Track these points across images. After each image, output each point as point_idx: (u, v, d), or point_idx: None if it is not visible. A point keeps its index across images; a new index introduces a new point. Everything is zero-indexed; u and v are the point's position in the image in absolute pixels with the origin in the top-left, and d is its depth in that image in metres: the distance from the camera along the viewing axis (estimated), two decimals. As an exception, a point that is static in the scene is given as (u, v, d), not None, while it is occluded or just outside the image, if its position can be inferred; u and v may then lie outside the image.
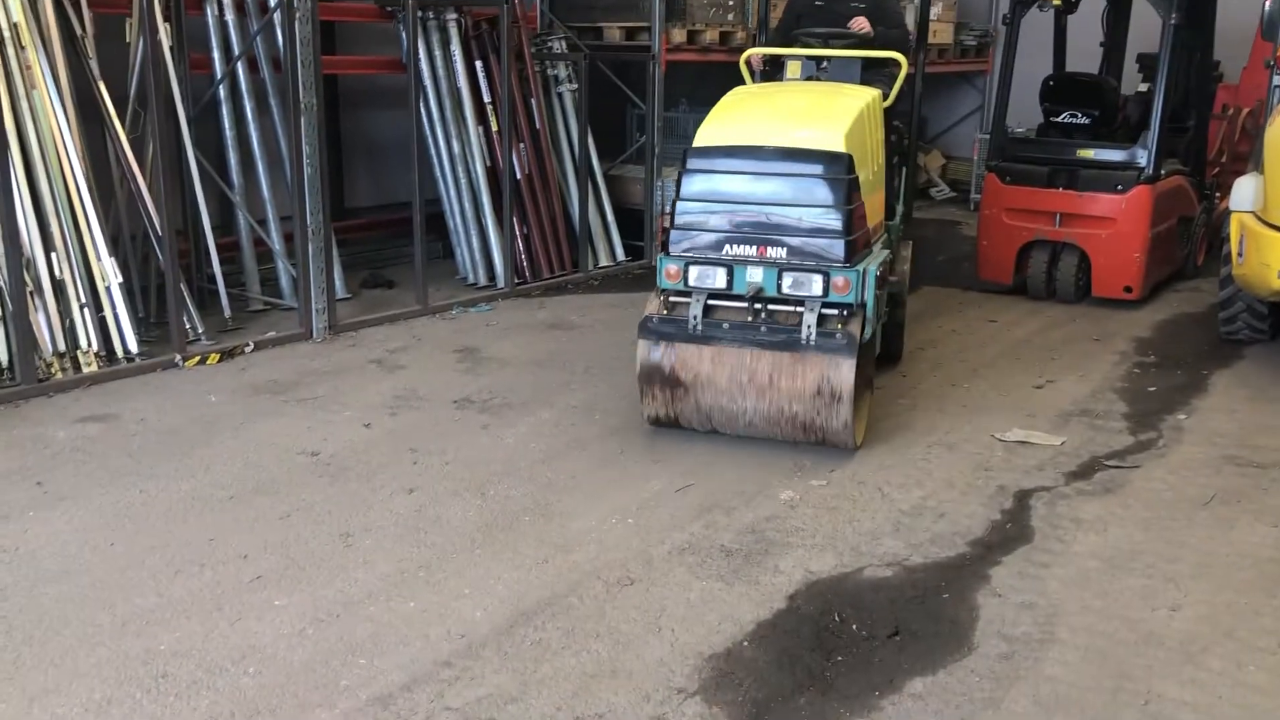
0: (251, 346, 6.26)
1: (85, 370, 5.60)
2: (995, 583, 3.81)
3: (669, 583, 3.73)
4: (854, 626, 3.53)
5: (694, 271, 4.68)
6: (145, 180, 6.07)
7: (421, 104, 7.30)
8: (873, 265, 4.70)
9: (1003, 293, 7.89)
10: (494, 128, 7.67)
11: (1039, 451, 4.99)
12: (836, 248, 4.57)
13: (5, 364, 5.41)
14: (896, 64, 5.61)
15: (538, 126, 7.96)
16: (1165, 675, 3.28)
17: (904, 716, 3.08)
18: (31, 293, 5.42)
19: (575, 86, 8.30)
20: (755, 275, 4.61)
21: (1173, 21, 7.23)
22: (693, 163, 4.77)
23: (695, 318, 4.65)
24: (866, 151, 4.89)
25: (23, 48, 5.46)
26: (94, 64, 5.89)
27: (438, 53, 7.49)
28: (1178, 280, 8.36)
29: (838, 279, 4.53)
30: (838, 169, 4.61)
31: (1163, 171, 7.46)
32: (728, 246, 4.66)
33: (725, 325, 4.65)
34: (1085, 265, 7.57)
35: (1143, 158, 7.32)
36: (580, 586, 3.70)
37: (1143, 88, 8.24)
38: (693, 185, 4.76)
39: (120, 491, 4.35)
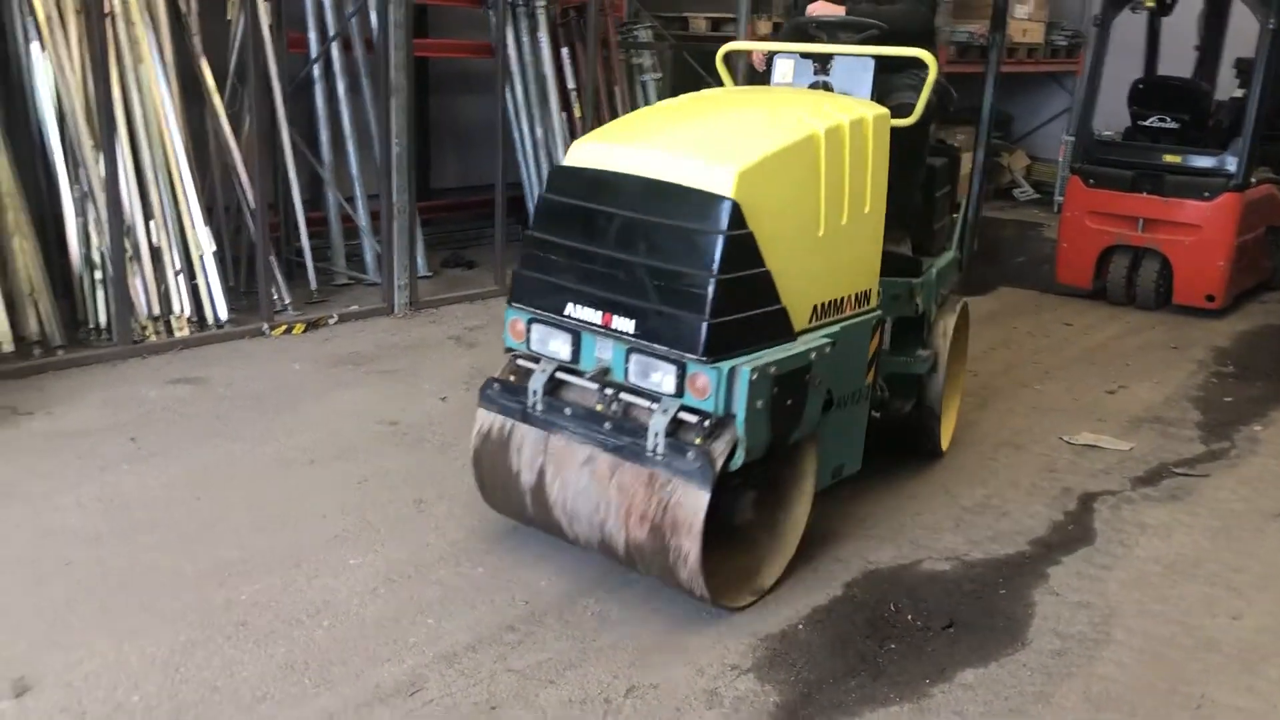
0: (335, 319, 6.47)
1: (177, 334, 5.84)
2: (1053, 581, 3.83)
3: None
4: (909, 617, 3.57)
5: (537, 333, 3.53)
6: (240, 154, 6.30)
7: (508, 89, 7.45)
8: (751, 365, 3.17)
9: (1081, 297, 7.81)
10: (577, 114, 7.80)
11: (1107, 456, 4.97)
12: (695, 332, 3.13)
13: (104, 325, 5.66)
14: (923, 67, 3.97)
15: (620, 115, 8.06)
16: (1221, 681, 3.28)
17: (953, 705, 3.13)
18: (130, 258, 5.67)
19: (659, 75, 8.39)
20: (606, 351, 3.38)
21: (1271, 26, 7.08)
22: (551, 186, 3.59)
23: (535, 394, 3.51)
24: (803, 198, 3.39)
25: (131, 24, 5.70)
26: (197, 40, 6.12)
27: (525, 39, 7.63)
28: (1263, 291, 8.19)
29: (696, 376, 3.17)
30: (713, 220, 3.14)
31: (1253, 180, 7.32)
32: (572, 305, 3.41)
33: (568, 411, 3.44)
34: (1167, 272, 7.46)
35: (1232, 164, 7.19)
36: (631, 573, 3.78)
37: (1238, 93, 8.07)
38: (545, 216, 3.56)
39: (208, 450, 4.55)
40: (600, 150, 3.50)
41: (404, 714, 2.97)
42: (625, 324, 3.29)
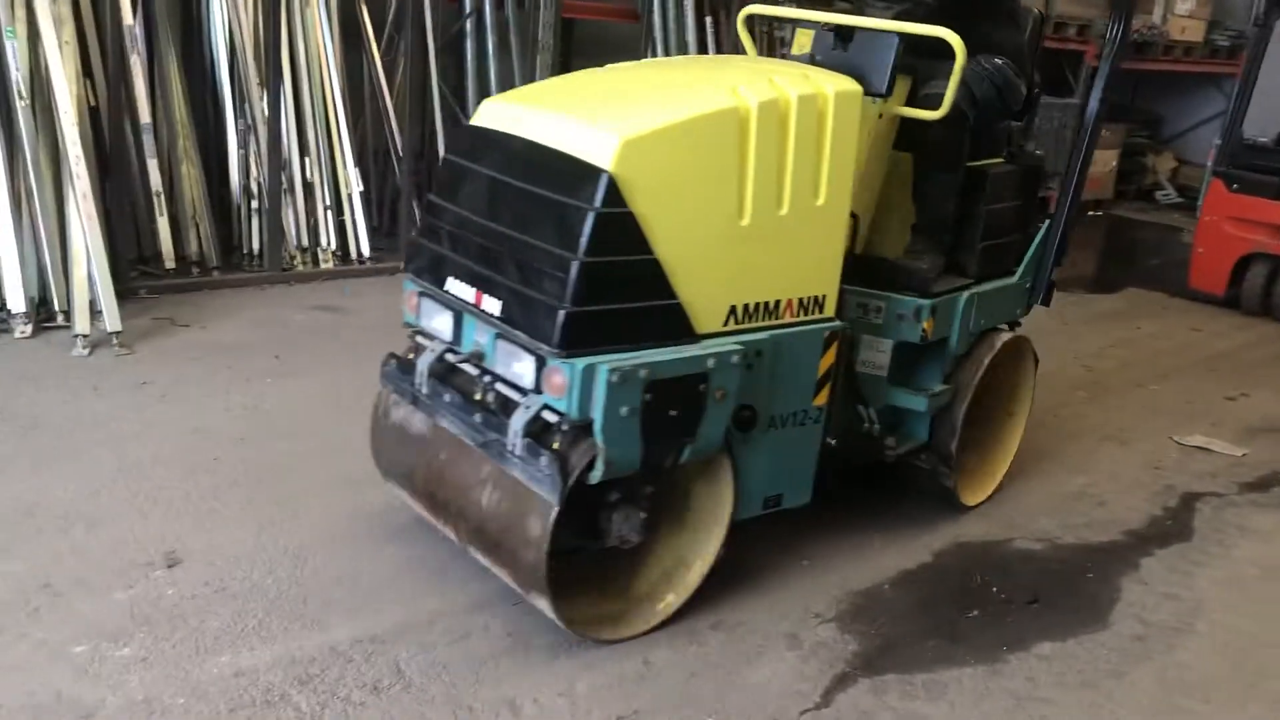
0: None
1: (322, 266, 6.22)
2: (1143, 572, 3.88)
3: (820, 526, 3.93)
4: (994, 589, 3.68)
5: (425, 308, 3.21)
6: (392, 102, 6.63)
7: (649, 55, 7.62)
8: (613, 365, 2.73)
9: (1213, 304, 7.64)
10: (715, 84, 7.92)
11: (1216, 459, 4.94)
12: (552, 321, 2.73)
13: (256, 252, 6.07)
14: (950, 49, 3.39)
15: None
16: (1303, 682, 3.31)
17: (1026, 672, 3.23)
18: (285, 191, 6.06)
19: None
20: (482, 334, 3.00)
21: None
22: (451, 146, 3.28)
23: (421, 374, 3.20)
24: (718, 180, 2.90)
25: (302, -30, 6.05)
26: (361, -10, 6.45)
27: (670, 7, 7.79)
28: None
29: (552, 372, 2.77)
30: (585, 194, 2.73)
31: (1407, 197, 7.04)
32: (451, 280, 3.09)
33: (447, 397, 3.14)
34: (1307, 285, 7.25)
35: (1385, 179, 6.94)
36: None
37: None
38: (442, 179, 3.31)
39: (343, 371, 4.87)
40: (503, 110, 3.12)
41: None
42: (493, 305, 2.93)
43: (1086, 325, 6.93)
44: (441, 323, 3.14)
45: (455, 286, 3.07)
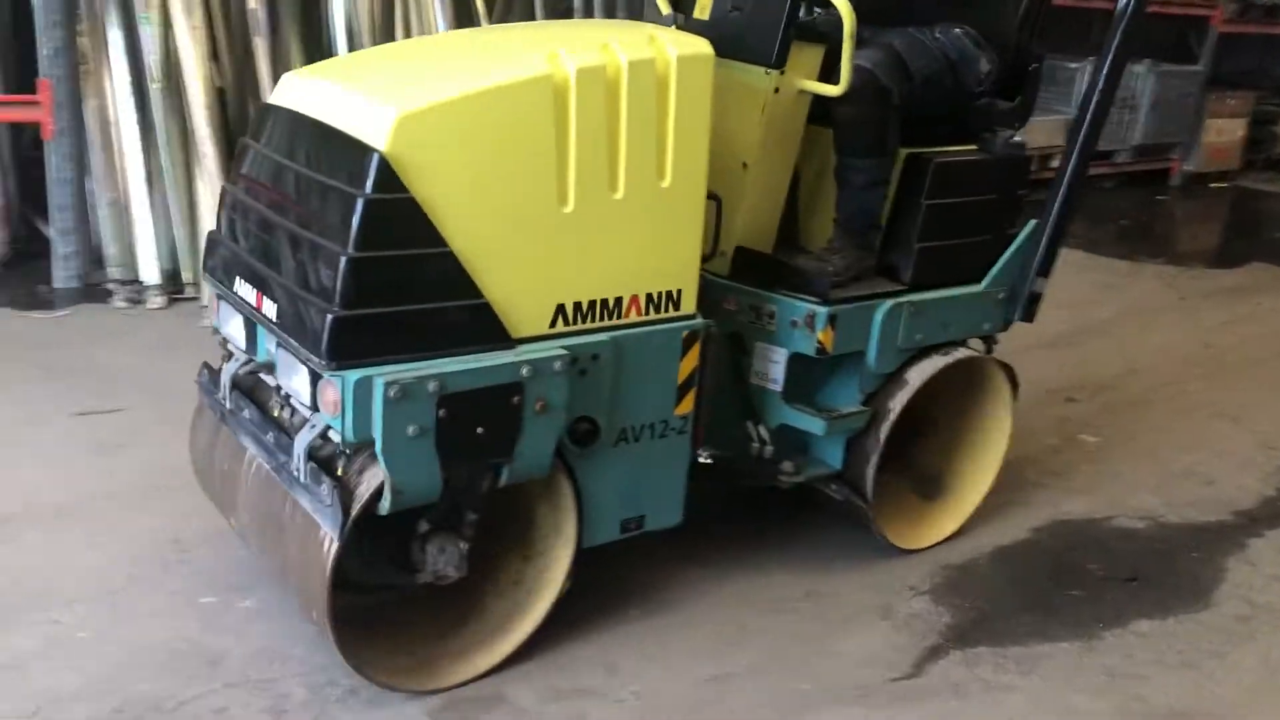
0: None
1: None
2: (1251, 553, 3.80)
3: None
4: (1092, 566, 3.65)
5: (222, 311, 2.80)
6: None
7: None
8: (390, 377, 2.34)
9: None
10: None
11: (1336, 440, 4.79)
12: (320, 326, 2.35)
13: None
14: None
15: None
16: None
17: (1123, 649, 3.21)
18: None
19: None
20: (271, 342, 2.63)
21: None
22: (250, 127, 2.99)
23: (224, 386, 2.84)
24: (529, 160, 2.49)
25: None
26: (471, -33, 6.58)
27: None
28: None
29: (326, 387, 2.39)
30: (356, 178, 2.36)
31: None
32: (239, 280, 2.69)
33: (247, 413, 2.79)
34: None
35: None
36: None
37: None
38: (237, 164, 2.87)
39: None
40: (299, 84, 2.73)
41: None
42: (271, 309, 2.54)
43: (1206, 300, 6.74)
44: (235, 328, 2.74)
45: (242, 288, 2.67)
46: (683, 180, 2.72)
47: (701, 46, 2.73)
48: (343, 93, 2.56)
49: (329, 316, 2.31)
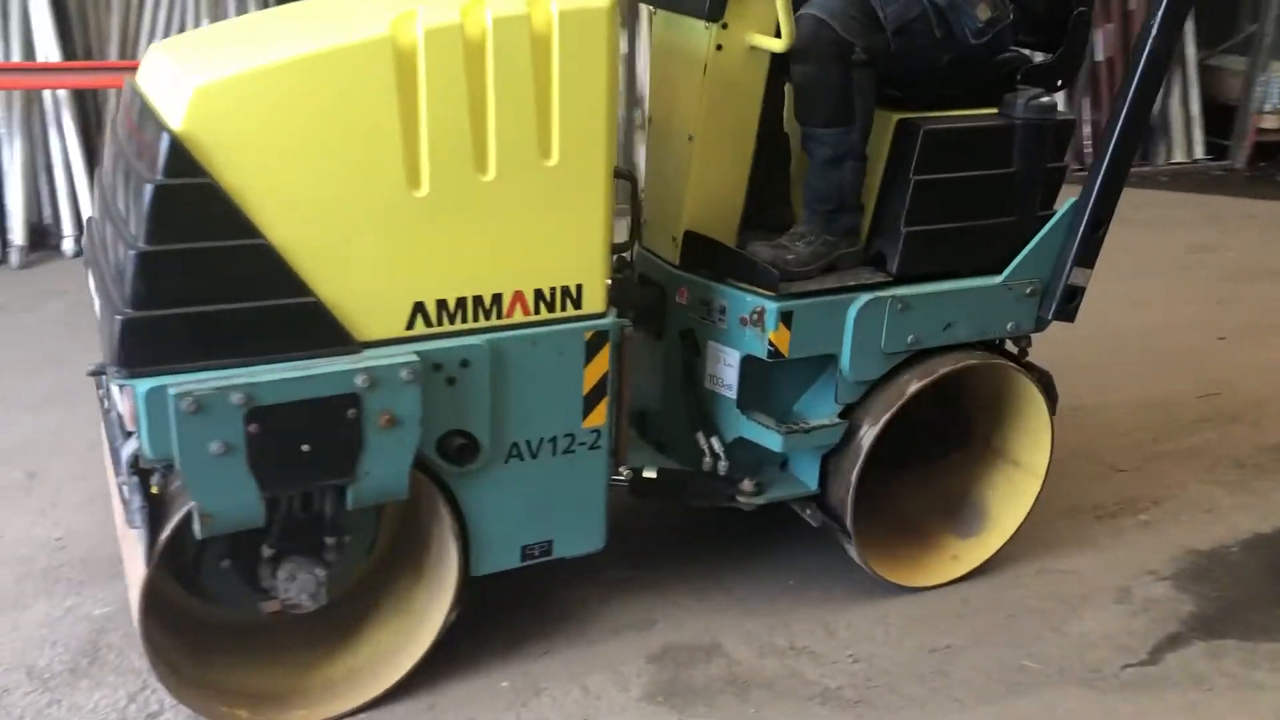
0: None
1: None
2: None
3: (1161, 477, 3.69)
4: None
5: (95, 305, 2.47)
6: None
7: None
8: (185, 387, 2.04)
9: None
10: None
11: None
12: (111, 326, 2.11)
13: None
14: None
15: (1130, 8, 7.49)
16: None
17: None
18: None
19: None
20: None
21: None
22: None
23: (103, 386, 2.63)
24: (366, 136, 2.14)
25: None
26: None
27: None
28: None
29: (123, 396, 2.13)
30: (148, 161, 2.08)
31: None
32: (89, 273, 2.48)
33: (113, 414, 2.50)
34: None
35: None
36: (1068, 467, 3.59)
37: None
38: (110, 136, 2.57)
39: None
40: (150, 58, 2.44)
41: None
42: (97, 307, 2.33)
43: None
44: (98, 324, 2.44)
45: (89, 281, 2.47)
46: (576, 157, 2.33)
47: (598, 1, 2.27)
48: (169, 65, 2.27)
49: (118, 319, 2.06)
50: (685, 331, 2.83)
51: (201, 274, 2.09)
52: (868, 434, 2.79)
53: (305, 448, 2.18)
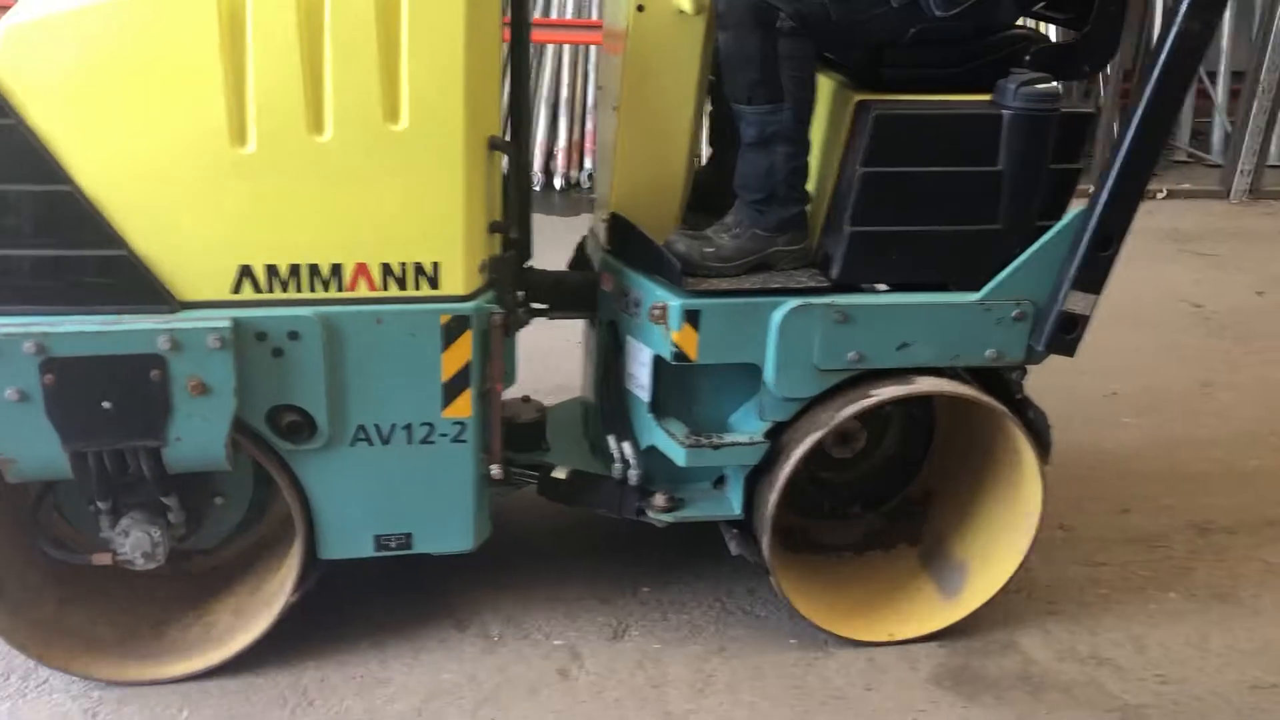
0: (1164, 194, 6.42)
1: None
2: None
3: None
4: None
5: None
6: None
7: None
8: None
9: None
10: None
11: None
12: None
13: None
14: None
15: None
16: None
17: None
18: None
19: None
20: None
21: None
22: None
23: None
24: (186, 85, 2.03)
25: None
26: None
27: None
28: None
29: None
30: None
31: None
32: None
33: None
34: None
35: None
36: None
37: None
38: None
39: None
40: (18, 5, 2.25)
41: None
42: None
43: None
44: None
45: None
46: (429, 122, 2.13)
47: None
48: (15, 10, 2.16)
49: None
50: (610, 323, 2.57)
51: (7, 217, 2.05)
52: (788, 459, 2.43)
53: (106, 405, 2.12)
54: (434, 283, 2.24)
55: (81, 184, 2.05)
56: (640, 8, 2.37)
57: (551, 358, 3.38)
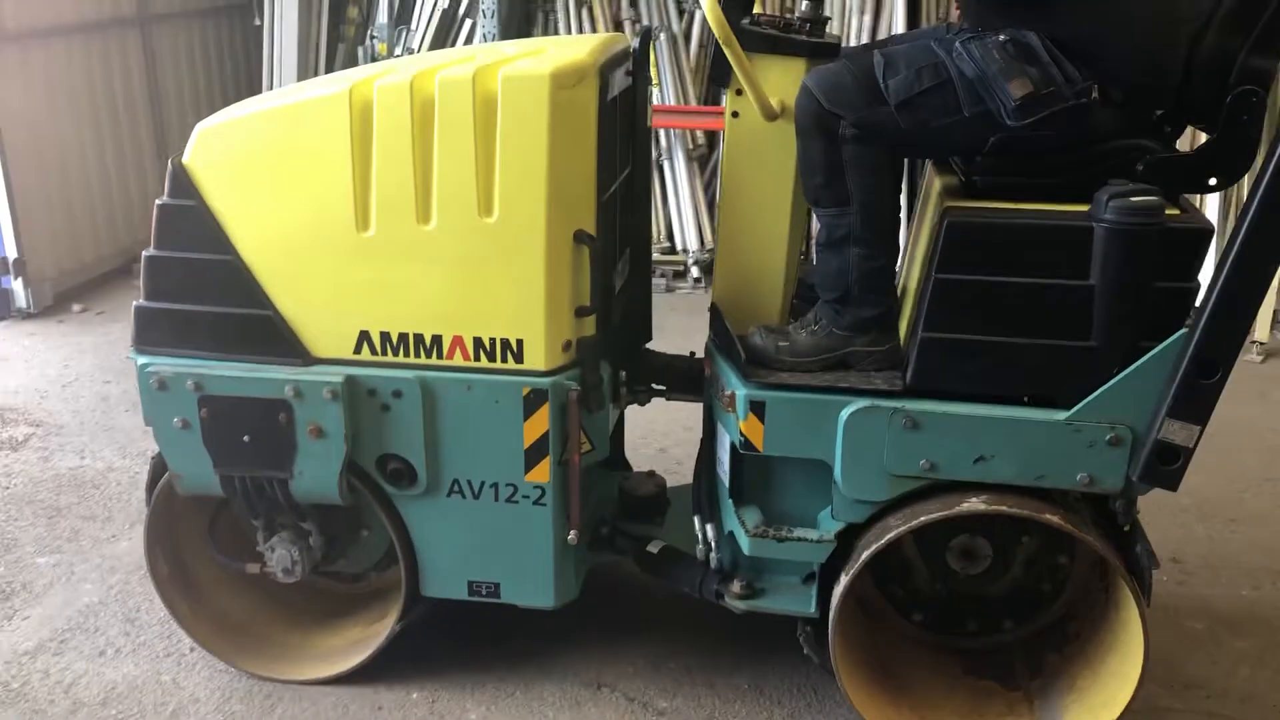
0: None
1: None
2: None
3: None
4: None
5: None
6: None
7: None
8: (153, 364, 2.60)
9: None
10: None
11: None
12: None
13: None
14: None
15: None
16: None
17: None
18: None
19: None
20: None
21: None
22: None
23: None
24: (323, 180, 2.49)
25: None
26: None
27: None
28: None
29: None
30: (166, 185, 2.58)
31: None
32: None
33: None
34: None
35: None
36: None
37: None
38: None
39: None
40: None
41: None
42: None
43: None
44: None
45: None
46: (515, 216, 2.42)
47: (536, 69, 2.36)
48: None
49: (134, 305, 2.63)
50: (709, 407, 2.70)
51: (185, 278, 2.57)
52: (854, 564, 2.42)
53: (246, 439, 2.57)
54: (519, 357, 2.50)
55: (243, 255, 2.52)
56: (735, 114, 2.51)
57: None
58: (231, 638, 2.88)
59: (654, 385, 2.90)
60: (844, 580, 2.43)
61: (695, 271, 6.11)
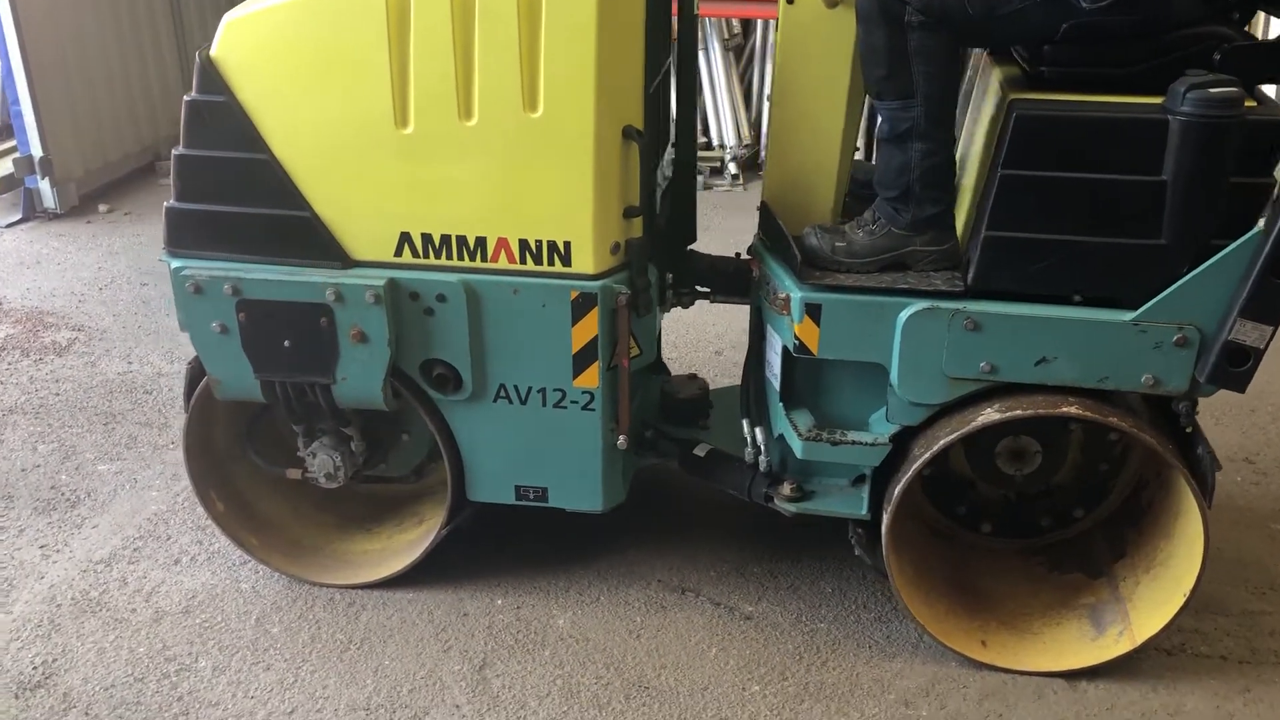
0: None
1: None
2: None
3: None
4: None
5: None
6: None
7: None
8: (189, 269, 2.50)
9: None
10: None
11: None
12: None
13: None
14: None
15: None
16: None
17: None
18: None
19: None
20: None
21: None
22: None
23: None
24: (356, 73, 2.35)
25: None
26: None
27: None
28: None
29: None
30: (193, 80, 2.45)
31: None
32: None
33: None
34: None
35: None
36: None
37: None
38: None
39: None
40: None
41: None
42: None
43: None
44: None
45: None
46: (562, 112, 2.30)
47: None
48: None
49: (165, 205, 2.53)
50: (758, 308, 2.63)
51: (218, 178, 2.46)
52: (910, 467, 2.38)
53: (287, 344, 2.50)
54: (566, 260, 2.41)
55: (277, 154, 2.42)
56: (790, 0, 2.38)
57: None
58: (276, 540, 2.87)
59: (699, 288, 2.82)
60: (904, 481, 2.39)
61: (733, 168, 5.96)
